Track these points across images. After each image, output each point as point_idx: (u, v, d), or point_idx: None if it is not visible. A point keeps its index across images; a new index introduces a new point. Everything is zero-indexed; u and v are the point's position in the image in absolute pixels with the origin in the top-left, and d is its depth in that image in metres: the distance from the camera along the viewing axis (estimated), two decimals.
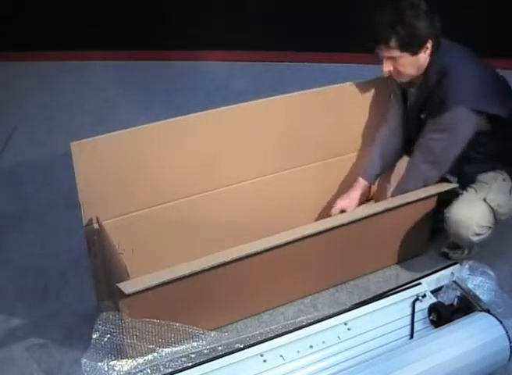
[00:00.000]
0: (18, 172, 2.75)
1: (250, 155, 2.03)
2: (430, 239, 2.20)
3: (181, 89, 3.45)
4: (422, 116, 2.01)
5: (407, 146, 2.15)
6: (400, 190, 2.04)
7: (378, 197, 2.24)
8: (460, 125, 1.91)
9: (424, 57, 1.90)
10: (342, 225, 1.87)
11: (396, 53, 1.87)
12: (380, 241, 2.04)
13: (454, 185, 2.05)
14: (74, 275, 2.10)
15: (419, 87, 2.00)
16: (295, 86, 2.08)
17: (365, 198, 2.22)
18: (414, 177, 2.03)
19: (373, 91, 2.14)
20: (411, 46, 1.86)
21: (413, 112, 2.06)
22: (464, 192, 2.03)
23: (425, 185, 2.02)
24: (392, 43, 1.85)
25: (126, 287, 1.57)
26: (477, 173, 2.06)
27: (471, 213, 1.95)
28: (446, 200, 2.05)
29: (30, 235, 2.34)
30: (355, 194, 2.12)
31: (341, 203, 2.09)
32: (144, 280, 1.61)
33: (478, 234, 1.97)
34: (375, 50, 1.91)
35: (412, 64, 1.91)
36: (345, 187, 2.18)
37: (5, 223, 2.42)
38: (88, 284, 1.93)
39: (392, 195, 2.05)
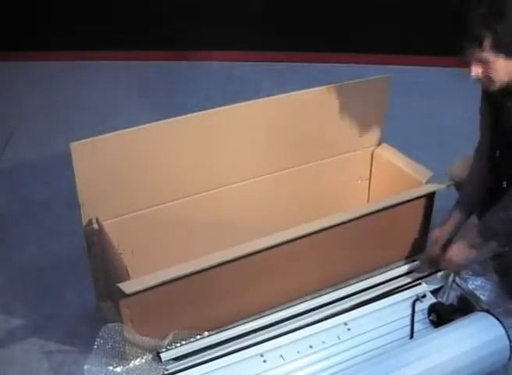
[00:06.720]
0: (18, 172, 2.75)
1: (249, 154, 2.03)
2: None
3: (181, 89, 3.45)
4: None
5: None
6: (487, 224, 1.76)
7: None
8: None
9: None
10: (341, 224, 1.87)
11: (488, 55, 1.57)
12: (380, 241, 2.03)
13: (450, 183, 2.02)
14: (74, 275, 2.09)
15: None
16: (295, 86, 2.08)
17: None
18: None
19: (373, 90, 2.13)
20: (509, 48, 1.56)
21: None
22: None
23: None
24: (486, 43, 1.54)
25: (127, 287, 1.57)
26: None
27: None
28: None
29: (30, 235, 2.34)
30: (447, 226, 1.91)
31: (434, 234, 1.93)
32: (144, 280, 1.61)
33: None
34: (462, 50, 1.60)
35: (506, 69, 1.60)
36: (345, 187, 2.17)
37: (5, 223, 2.42)
38: (88, 284, 1.92)
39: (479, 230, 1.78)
